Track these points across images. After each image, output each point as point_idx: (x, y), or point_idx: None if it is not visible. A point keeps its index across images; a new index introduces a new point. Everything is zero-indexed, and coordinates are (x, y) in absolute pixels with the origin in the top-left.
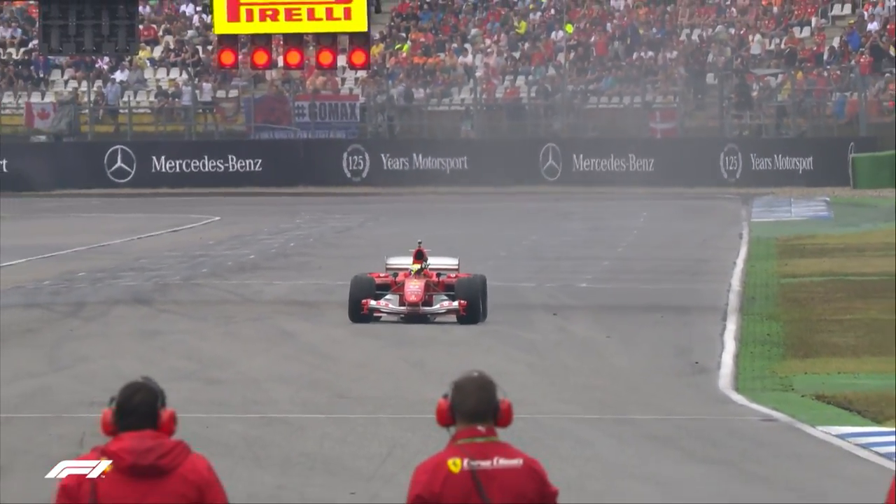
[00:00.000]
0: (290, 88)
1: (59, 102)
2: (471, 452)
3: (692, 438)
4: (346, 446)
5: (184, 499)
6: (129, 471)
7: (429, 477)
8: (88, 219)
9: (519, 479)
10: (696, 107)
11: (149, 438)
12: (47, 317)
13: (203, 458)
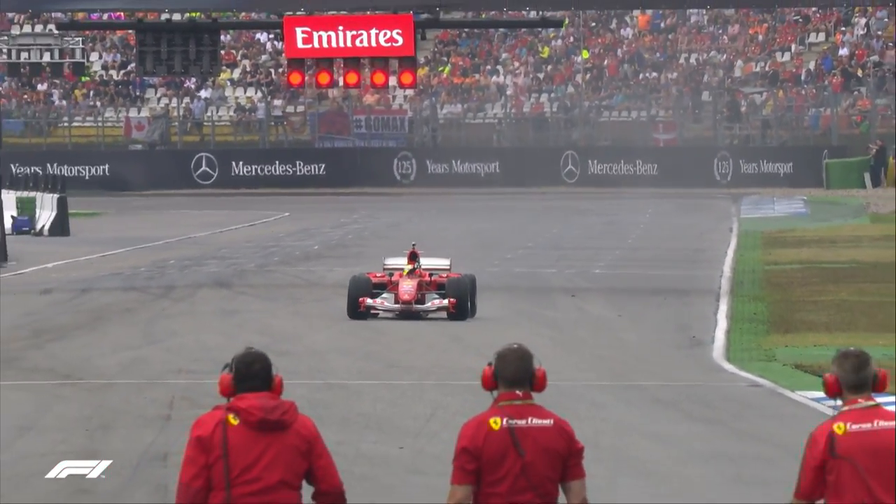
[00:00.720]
0: (349, 104)
1: (152, 116)
2: (509, 413)
3: (690, 401)
4: (395, 408)
5: (297, 450)
6: (257, 425)
7: (473, 432)
8: (177, 215)
9: (549, 436)
10: (693, 120)
11: (271, 399)
12: (142, 298)
13: (309, 418)
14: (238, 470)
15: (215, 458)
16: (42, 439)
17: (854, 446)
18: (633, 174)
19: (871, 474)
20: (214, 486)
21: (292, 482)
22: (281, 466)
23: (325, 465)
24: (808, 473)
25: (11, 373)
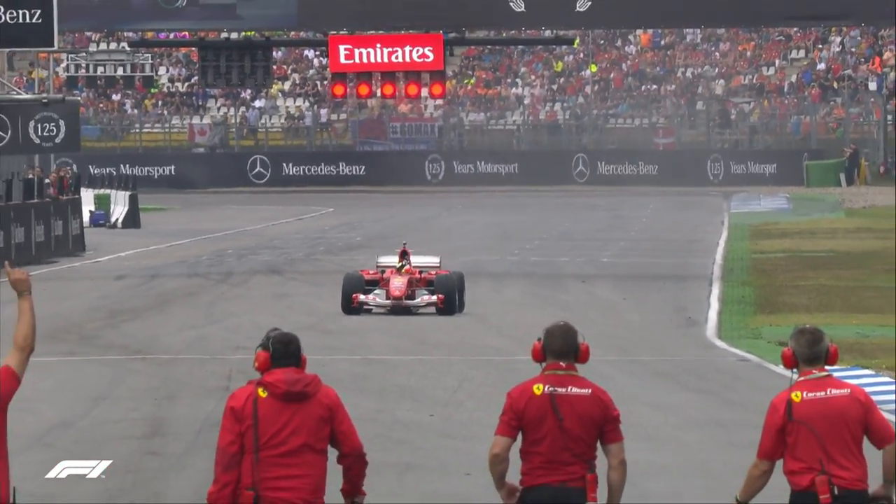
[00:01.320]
0: (386, 113)
1: (213, 123)
2: (552, 381)
3: (686, 374)
4: (427, 380)
5: (320, 417)
6: (283, 396)
7: (517, 396)
8: (234, 210)
9: (586, 403)
10: (689, 126)
11: (296, 373)
12: (204, 283)
13: (332, 389)
14: (267, 436)
15: (247, 427)
16: (116, 407)
17: (809, 412)
18: (636, 174)
19: (825, 436)
20: (247, 450)
21: (316, 445)
22: (305, 432)
23: (345, 430)
24: (769, 436)
25: (89, 349)
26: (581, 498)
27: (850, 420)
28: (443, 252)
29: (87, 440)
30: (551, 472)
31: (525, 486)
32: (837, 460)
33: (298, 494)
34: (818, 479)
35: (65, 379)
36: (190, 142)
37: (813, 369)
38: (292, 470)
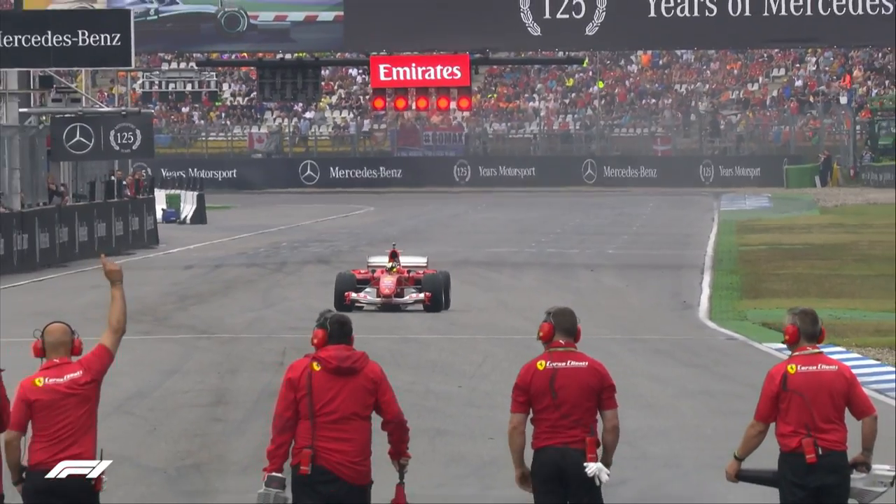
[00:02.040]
0: (420, 123)
1: (269, 132)
2: (554, 357)
3: (681, 351)
4: (455, 356)
5: (366, 389)
6: (334, 371)
7: (524, 372)
8: (288, 208)
9: (584, 374)
10: (684, 135)
11: (346, 350)
12: (261, 272)
13: (377, 364)
14: (320, 404)
15: (301, 396)
16: (185, 380)
17: (802, 383)
18: (637, 177)
19: (813, 404)
20: (302, 416)
21: (362, 413)
22: (353, 401)
23: (388, 400)
24: (766, 402)
25: (162, 329)
26: (581, 458)
27: (836, 392)
28: (465, 244)
29: (160, 408)
30: (555, 435)
31: (535, 448)
32: (822, 426)
33: (347, 456)
34: (805, 441)
35: (141, 355)
36: (249, 148)
37: (808, 346)
38: (342, 434)
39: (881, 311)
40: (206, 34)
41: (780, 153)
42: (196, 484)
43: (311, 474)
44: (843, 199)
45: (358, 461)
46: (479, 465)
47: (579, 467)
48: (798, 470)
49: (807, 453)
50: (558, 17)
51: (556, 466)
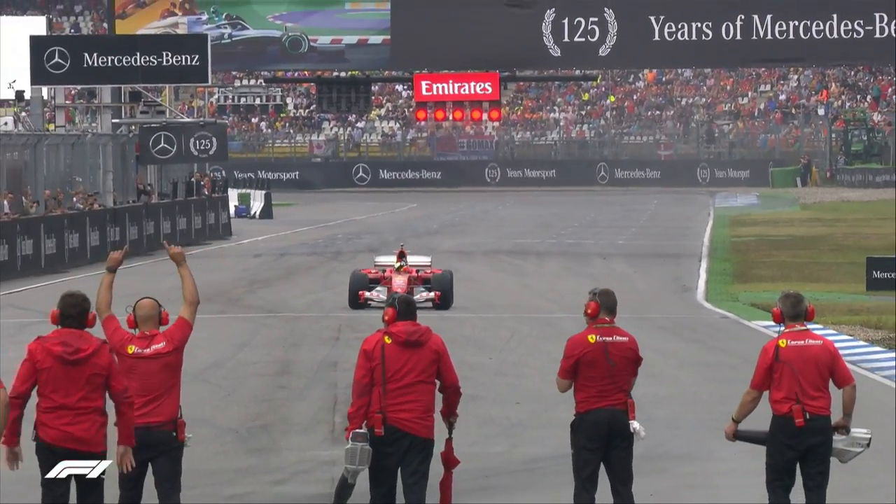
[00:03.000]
0: (456, 132)
1: (326, 139)
2: (602, 332)
3: (681, 328)
4: (486, 332)
5: (430, 359)
6: (403, 343)
7: (574, 345)
8: (343, 205)
9: (626, 347)
10: (684, 142)
11: (413, 326)
12: (320, 260)
13: (439, 337)
14: (391, 373)
15: (375, 364)
16: (254, 352)
17: (791, 355)
18: (643, 178)
19: (801, 374)
20: (376, 382)
21: (427, 379)
22: (419, 370)
23: (447, 369)
24: (760, 372)
25: (234, 308)
26: (625, 417)
27: (821, 364)
28: (495, 236)
29: (233, 377)
30: (602, 399)
31: (582, 411)
32: (809, 393)
33: (414, 414)
34: (795, 407)
35: (216, 331)
36: (309, 153)
37: (796, 324)
38: (409, 397)
39: (853, 294)
40: (272, 55)
41: (767, 157)
42: (263, 442)
43: (385, 434)
44: (820, 198)
45: (423, 418)
46: (507, 426)
47: (625, 425)
48: (788, 432)
49: (796, 418)
50: (575, 40)
51: (606, 425)
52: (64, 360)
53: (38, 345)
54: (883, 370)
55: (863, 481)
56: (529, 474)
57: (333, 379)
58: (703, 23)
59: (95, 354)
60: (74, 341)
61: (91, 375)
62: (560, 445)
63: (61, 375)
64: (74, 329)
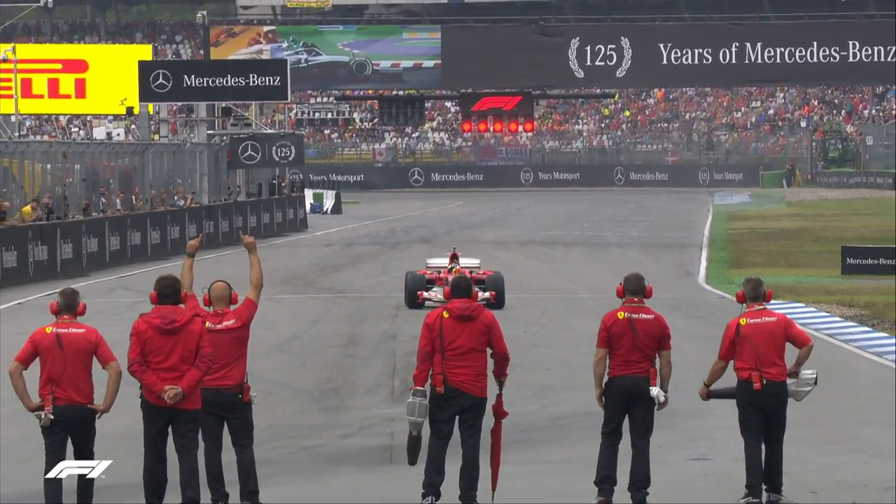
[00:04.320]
0: (496, 141)
1: (387, 147)
2: (629, 310)
3: (685, 306)
4: (521, 310)
5: (480, 331)
6: (458, 318)
7: (607, 319)
8: (401, 203)
9: (651, 324)
10: (687, 149)
11: (466, 303)
12: (381, 249)
13: (490, 312)
14: (447, 342)
15: (435, 336)
16: (327, 326)
17: (750, 331)
18: (653, 180)
19: (759, 347)
20: (436, 350)
21: (479, 348)
22: (471, 339)
23: (497, 339)
24: (725, 345)
25: (310, 290)
26: (647, 384)
27: (776, 336)
28: (529, 229)
29: (308, 347)
30: (627, 367)
31: (611, 377)
32: (766, 363)
33: (468, 377)
34: (753, 374)
35: (294, 308)
36: (372, 159)
37: (755, 304)
38: (464, 363)
39: (830, 277)
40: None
41: (757, 163)
42: (333, 402)
43: (444, 392)
44: (803, 196)
45: (476, 380)
46: (538, 389)
47: (645, 390)
48: (748, 394)
49: (754, 382)
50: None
51: (628, 390)
52: (162, 329)
53: (140, 320)
54: (856, 342)
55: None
56: (558, 429)
57: (392, 349)
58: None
59: (189, 323)
60: (170, 314)
61: (185, 342)
62: (583, 405)
63: (161, 343)
64: (170, 305)
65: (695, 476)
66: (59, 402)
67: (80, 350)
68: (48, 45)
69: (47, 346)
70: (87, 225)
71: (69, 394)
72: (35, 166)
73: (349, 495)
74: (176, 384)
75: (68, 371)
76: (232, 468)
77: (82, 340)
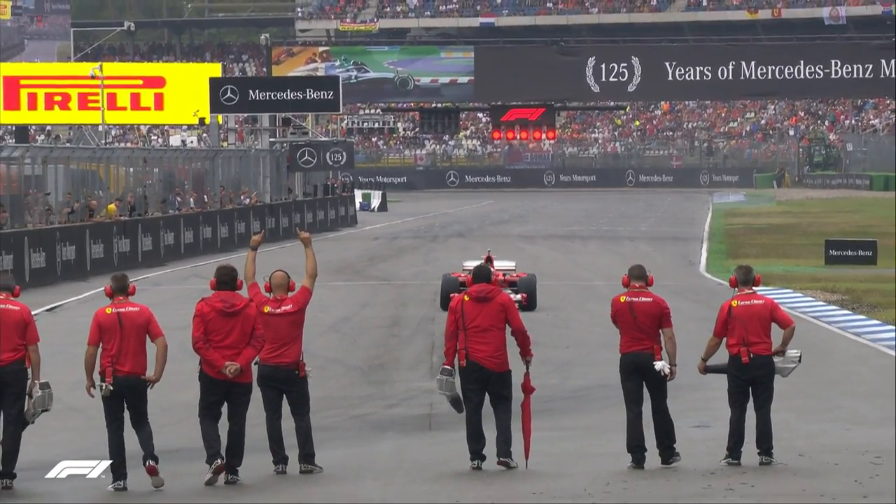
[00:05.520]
0: (522, 147)
1: (426, 153)
2: (630, 294)
3: (688, 292)
4: (544, 295)
5: (497, 311)
6: (476, 299)
7: (613, 302)
8: (438, 202)
9: (649, 306)
10: (690, 155)
11: (485, 287)
12: (421, 242)
13: (507, 294)
14: (468, 321)
15: (458, 316)
16: (374, 310)
17: (740, 312)
18: (660, 181)
19: (747, 326)
20: (460, 328)
21: (497, 325)
22: (489, 318)
23: (513, 317)
24: (719, 324)
25: (359, 278)
26: (651, 359)
27: (763, 317)
28: (551, 224)
29: (358, 328)
30: (634, 344)
31: (622, 353)
32: (753, 340)
33: (488, 353)
34: (742, 349)
35: (345, 294)
36: (414, 163)
37: (745, 289)
38: (484, 340)
39: (815, 266)
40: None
41: (751, 166)
42: (380, 376)
43: (468, 367)
44: (791, 196)
45: (497, 355)
46: (559, 364)
47: (650, 365)
48: (737, 367)
49: (742, 357)
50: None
51: (636, 364)
52: (223, 312)
53: (203, 303)
54: (837, 323)
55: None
56: (577, 400)
57: (431, 330)
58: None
59: (246, 308)
60: (230, 299)
61: (243, 323)
62: (599, 379)
63: (221, 324)
64: (228, 291)
65: (696, 441)
66: (118, 373)
67: (137, 326)
68: (131, 64)
69: (109, 325)
70: (164, 221)
71: (127, 366)
72: (119, 170)
73: (393, 458)
74: (235, 361)
75: (127, 345)
76: (291, 434)
77: (138, 317)
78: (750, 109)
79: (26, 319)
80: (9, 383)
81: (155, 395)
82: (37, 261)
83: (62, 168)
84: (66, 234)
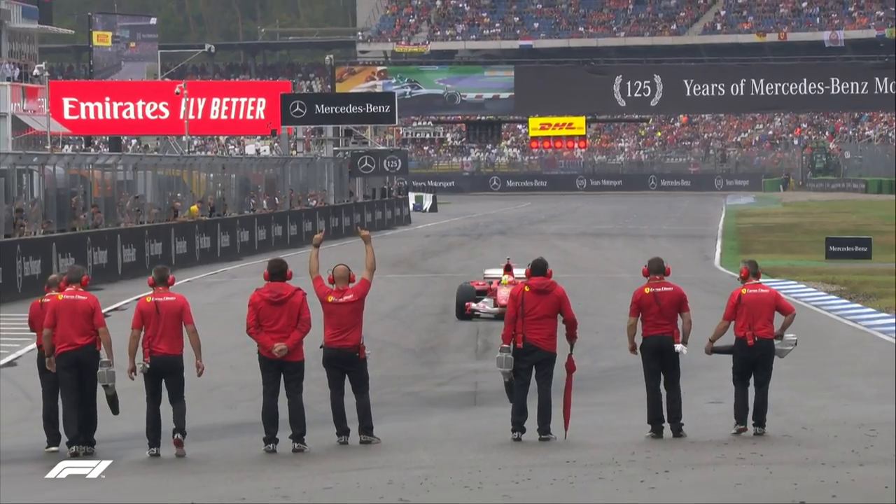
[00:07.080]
0: (557, 155)
1: (472, 160)
2: (653, 285)
3: (704, 283)
4: (576, 286)
5: (554, 302)
6: (535, 291)
7: (637, 293)
8: (482, 203)
9: (671, 294)
10: (706, 162)
11: (543, 280)
12: (468, 239)
13: (562, 288)
14: (528, 309)
15: (518, 304)
16: (426, 300)
17: (748, 299)
18: (679, 186)
19: (754, 311)
20: (519, 315)
21: (551, 314)
22: (546, 308)
23: (566, 309)
24: (729, 309)
25: (413, 271)
26: (672, 342)
27: (767, 305)
28: (582, 223)
29: (411, 315)
30: (656, 328)
31: (644, 336)
32: (758, 324)
33: (542, 336)
34: (747, 332)
35: (401, 286)
36: (461, 169)
37: (753, 279)
38: (538, 325)
39: (816, 261)
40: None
41: (760, 172)
42: (431, 357)
43: (524, 347)
44: (795, 199)
45: (548, 339)
46: (589, 347)
47: (671, 346)
48: (743, 348)
49: (748, 339)
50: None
51: (657, 346)
52: (271, 301)
53: (255, 294)
54: (836, 311)
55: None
56: (605, 380)
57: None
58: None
59: (293, 296)
60: (277, 289)
61: (290, 310)
62: (625, 360)
63: (270, 312)
64: (278, 282)
65: (711, 415)
66: (156, 353)
67: (173, 313)
68: (211, 82)
69: (149, 312)
70: (240, 220)
71: (164, 347)
72: (200, 175)
73: (442, 430)
74: (283, 342)
75: (163, 330)
76: (353, 409)
77: (174, 305)
78: (759, 122)
79: (93, 307)
80: (84, 363)
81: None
82: (128, 256)
83: (150, 174)
84: (154, 233)
